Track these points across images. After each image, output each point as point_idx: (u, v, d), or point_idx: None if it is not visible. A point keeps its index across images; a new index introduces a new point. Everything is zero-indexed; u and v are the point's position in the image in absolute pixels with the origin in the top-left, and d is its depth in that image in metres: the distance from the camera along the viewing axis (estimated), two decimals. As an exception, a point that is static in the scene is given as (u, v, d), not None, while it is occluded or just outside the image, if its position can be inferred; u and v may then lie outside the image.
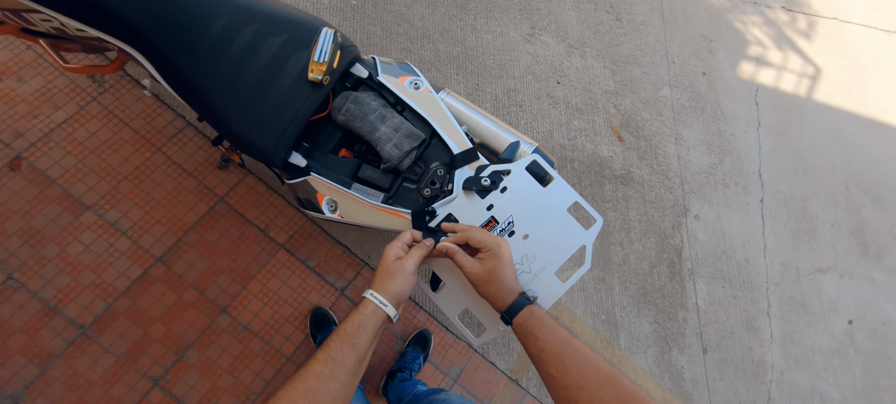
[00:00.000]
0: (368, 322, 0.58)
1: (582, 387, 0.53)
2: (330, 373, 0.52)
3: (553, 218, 0.74)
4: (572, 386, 0.54)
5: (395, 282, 0.62)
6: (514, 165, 0.77)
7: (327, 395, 0.50)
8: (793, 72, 2.81)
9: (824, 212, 2.38)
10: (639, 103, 2.27)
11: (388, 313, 0.60)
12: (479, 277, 0.64)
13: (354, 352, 0.55)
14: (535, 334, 0.59)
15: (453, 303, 0.72)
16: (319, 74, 0.88)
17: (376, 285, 0.62)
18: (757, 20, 2.87)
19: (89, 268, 1.36)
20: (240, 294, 1.44)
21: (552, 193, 0.75)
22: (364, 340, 0.56)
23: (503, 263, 0.64)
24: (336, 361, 0.53)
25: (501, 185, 0.75)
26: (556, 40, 2.20)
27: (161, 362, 1.32)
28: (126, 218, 1.45)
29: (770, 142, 2.47)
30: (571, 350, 0.56)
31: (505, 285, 0.63)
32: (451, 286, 0.72)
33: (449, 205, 0.81)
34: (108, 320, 1.32)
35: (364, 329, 0.57)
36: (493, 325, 0.72)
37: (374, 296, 0.61)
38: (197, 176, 1.56)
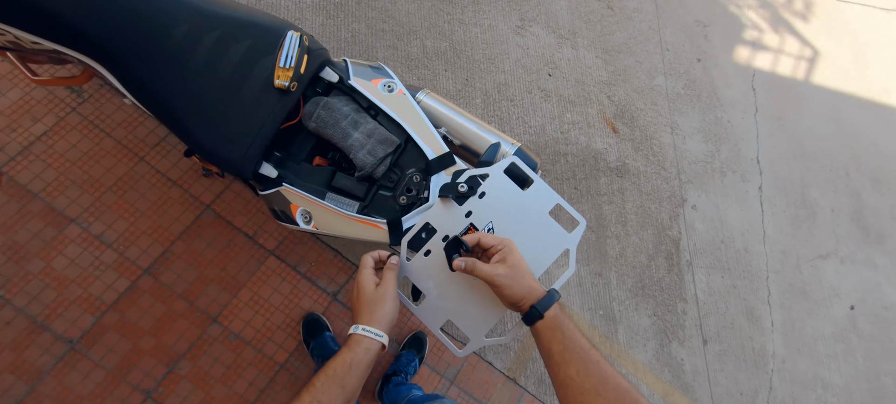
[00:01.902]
0: (361, 361, 0.55)
1: (600, 394, 0.52)
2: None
3: (534, 222, 0.72)
4: (591, 391, 0.52)
5: (384, 310, 0.60)
6: (492, 169, 0.74)
7: None
8: (790, 55, 2.75)
9: (824, 197, 2.34)
10: (633, 93, 2.22)
11: (383, 342, 0.58)
12: (505, 278, 0.61)
13: (342, 394, 0.52)
14: (563, 331, 0.57)
15: (435, 314, 0.70)
16: (286, 81, 0.85)
17: (365, 318, 0.59)
18: (752, 3, 2.80)
19: (75, 282, 1.34)
20: (230, 302, 1.42)
21: (533, 196, 0.73)
22: (354, 380, 0.54)
23: (521, 259, 0.62)
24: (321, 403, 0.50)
25: (479, 191, 0.72)
26: (546, 31, 2.15)
27: (152, 374, 1.30)
28: (111, 230, 1.42)
29: (768, 127, 2.42)
30: (595, 355, 0.55)
31: (528, 282, 0.61)
32: (431, 298, 0.70)
33: (425, 213, 0.78)
34: (97, 334, 1.30)
35: (355, 368, 0.54)
36: (477, 335, 0.70)
37: (367, 330, 0.58)
38: (182, 184, 1.53)
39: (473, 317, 0.69)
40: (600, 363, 0.54)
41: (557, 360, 0.56)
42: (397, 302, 0.63)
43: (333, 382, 0.52)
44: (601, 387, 0.52)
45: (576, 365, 0.54)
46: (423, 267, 0.70)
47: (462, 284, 0.69)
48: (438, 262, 0.70)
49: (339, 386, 0.52)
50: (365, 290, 0.61)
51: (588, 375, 0.53)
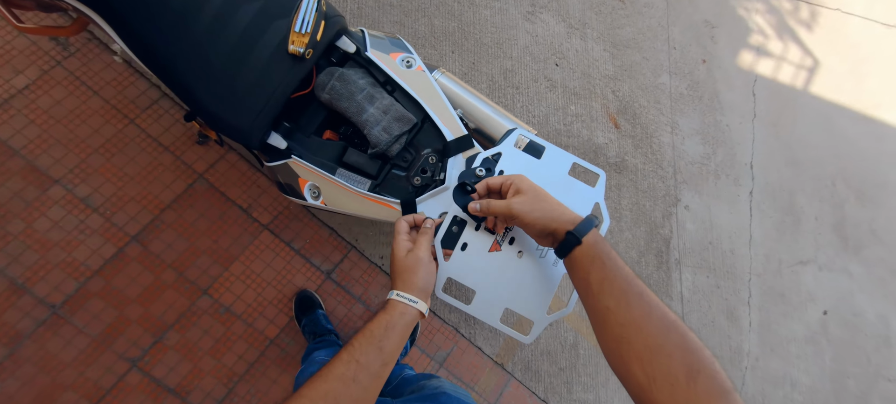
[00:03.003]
0: (397, 323, 0.54)
1: (641, 329, 0.46)
2: (353, 376, 0.48)
3: (557, 186, 0.68)
4: (630, 324, 0.47)
5: (418, 276, 0.57)
6: (503, 146, 0.71)
7: (348, 399, 0.47)
8: (791, 63, 2.74)
9: (810, 205, 2.38)
10: (637, 89, 2.19)
11: (420, 310, 0.56)
12: (524, 204, 0.57)
13: (380, 356, 0.51)
14: (602, 260, 0.51)
15: (490, 308, 0.65)
16: (301, 47, 0.79)
17: (399, 284, 0.57)
18: (760, 7, 2.76)
19: (59, 245, 1.28)
20: (221, 275, 1.37)
21: (549, 162, 0.70)
22: (391, 343, 0.52)
23: (533, 184, 0.58)
24: (360, 364, 0.49)
25: (497, 170, 0.70)
26: (556, 19, 2.08)
27: (139, 344, 1.26)
28: (97, 193, 1.35)
29: (763, 133, 2.43)
30: (637, 287, 0.49)
31: (553, 205, 0.57)
32: (483, 292, 0.65)
33: (440, 196, 0.74)
34: (81, 300, 1.25)
35: (392, 331, 0.53)
36: (539, 315, 0.65)
37: (401, 295, 0.56)
38: (174, 151, 1.46)
39: (530, 298, 0.65)
40: (644, 294, 0.48)
41: (596, 291, 0.51)
42: (432, 266, 0.60)
43: (371, 343, 0.51)
44: (643, 321, 0.46)
45: (616, 296, 0.49)
46: (465, 262, 0.65)
47: (510, 268, 0.65)
48: (479, 253, 0.66)
49: (377, 348, 0.50)
50: (397, 256, 0.59)
51: (629, 307, 0.48)
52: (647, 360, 0.44)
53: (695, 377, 0.42)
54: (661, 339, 0.45)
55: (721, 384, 0.41)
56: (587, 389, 1.66)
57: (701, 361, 0.43)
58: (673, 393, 0.42)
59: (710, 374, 0.42)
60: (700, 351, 0.44)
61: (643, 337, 0.46)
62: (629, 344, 0.46)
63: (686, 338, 0.45)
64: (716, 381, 0.41)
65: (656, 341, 0.45)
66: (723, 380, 0.42)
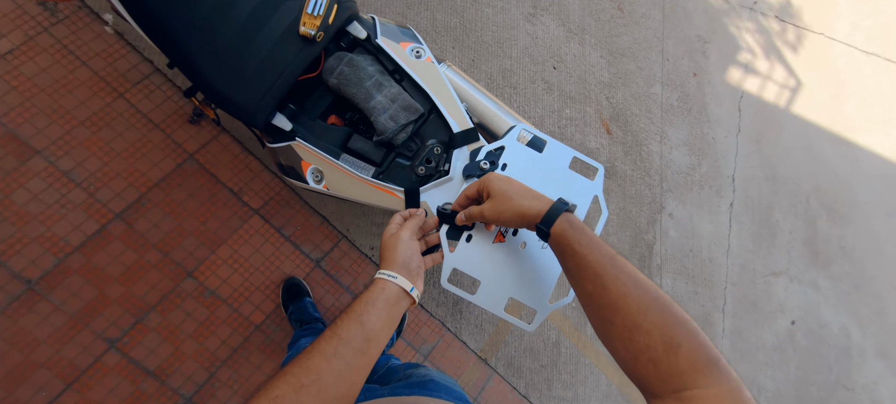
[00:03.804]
0: (378, 299, 0.51)
1: (619, 309, 0.45)
2: (334, 351, 0.46)
3: (558, 179, 0.69)
4: (609, 306, 0.46)
5: (397, 252, 0.56)
6: (506, 140, 0.70)
7: (331, 373, 0.44)
8: (776, 82, 2.70)
9: (785, 219, 2.36)
10: (630, 98, 2.13)
11: (400, 285, 0.53)
12: (492, 209, 0.57)
13: (361, 330, 0.48)
14: (572, 246, 0.50)
15: (495, 298, 0.64)
16: (312, 29, 0.75)
17: (381, 263, 0.57)
18: (751, 27, 2.71)
19: (38, 218, 1.17)
20: (208, 258, 1.28)
21: (550, 156, 0.70)
22: (372, 318, 0.50)
23: (501, 185, 0.57)
24: (341, 339, 0.47)
25: (500, 163, 0.69)
26: (556, 23, 1.99)
27: (118, 324, 1.17)
28: (81, 167, 1.24)
29: (746, 148, 2.39)
30: (614, 268, 0.47)
31: (521, 200, 0.55)
32: (488, 282, 0.64)
33: (444, 187, 0.72)
34: (60, 276, 1.15)
35: (372, 306, 0.51)
36: (541, 304, 0.64)
37: (381, 272, 0.54)
38: (164, 128, 1.35)
39: (532, 288, 0.64)
40: (621, 275, 0.46)
41: (574, 276, 0.50)
42: (415, 246, 0.57)
43: (352, 318, 0.49)
44: (621, 300, 0.45)
45: (592, 280, 0.48)
46: (470, 254, 0.64)
47: (513, 259, 0.64)
48: (484, 245, 0.64)
49: (358, 323, 0.48)
50: (382, 240, 0.59)
51: (605, 290, 0.46)
52: (628, 338, 0.44)
53: (675, 351, 0.40)
54: (638, 318, 0.43)
55: (705, 355, 0.40)
56: (567, 387, 1.62)
57: (681, 335, 0.41)
58: (656, 369, 0.41)
59: (691, 347, 0.40)
60: (681, 326, 0.42)
61: (621, 316, 0.44)
62: (611, 324, 0.46)
63: (666, 314, 0.43)
64: (699, 353, 0.40)
65: (634, 320, 0.44)
66: (706, 351, 0.40)
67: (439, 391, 0.64)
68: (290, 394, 0.41)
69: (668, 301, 0.44)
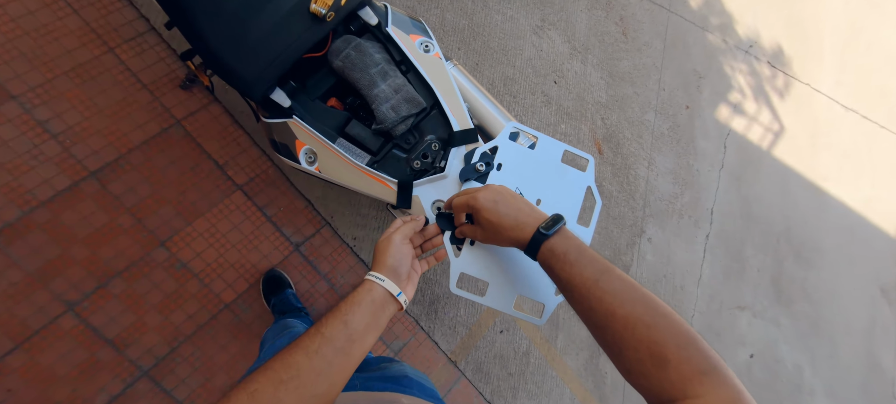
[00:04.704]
0: (363, 300, 0.47)
1: (606, 328, 0.43)
2: (316, 349, 0.42)
3: (552, 174, 0.65)
4: (598, 326, 0.44)
5: (387, 255, 0.51)
6: (499, 140, 0.65)
7: (311, 371, 0.41)
8: (761, 124, 2.59)
9: (755, 256, 2.26)
10: (624, 121, 2.00)
11: (387, 288, 0.49)
12: (485, 238, 0.54)
13: (345, 329, 0.44)
14: (556, 272, 0.48)
15: (504, 298, 0.60)
16: (324, 8, 0.69)
17: (373, 266, 0.52)
18: (744, 69, 2.59)
19: (5, 167, 1.02)
20: (183, 229, 1.14)
21: (542, 152, 0.66)
22: (356, 318, 0.46)
23: (489, 215, 0.52)
24: (324, 337, 0.43)
25: (495, 163, 0.65)
26: (562, 39, 1.85)
27: (80, 287, 1.03)
28: (59, 119, 1.09)
29: (727, 184, 2.28)
30: (598, 288, 0.44)
31: (508, 232, 0.52)
32: (495, 282, 0.61)
33: (438, 183, 0.67)
34: (21, 230, 1.00)
35: (357, 306, 0.47)
36: (548, 297, 0.61)
37: (370, 274, 0.50)
38: (153, 90, 1.19)
39: (538, 283, 0.60)
40: (604, 299, 0.43)
41: (567, 297, 0.48)
42: (406, 250, 0.53)
43: (336, 317, 0.45)
44: (608, 320, 0.42)
45: (578, 302, 0.46)
46: (476, 257, 0.60)
47: (518, 257, 0.60)
48: (488, 246, 0.60)
49: (342, 322, 0.45)
50: (377, 244, 0.54)
51: (592, 311, 0.44)
52: (618, 354, 0.42)
53: (663, 365, 0.38)
54: (625, 335, 0.41)
55: (696, 366, 0.37)
56: (531, 397, 1.51)
57: (668, 350, 0.38)
58: (648, 382, 0.39)
59: (680, 360, 0.37)
60: (670, 339, 0.38)
61: (610, 334, 0.42)
62: (602, 341, 0.44)
63: (652, 329, 0.39)
64: (689, 365, 0.37)
65: (621, 337, 0.41)
66: (698, 363, 0.37)
67: (412, 387, 0.60)
68: (268, 389, 0.38)
69: (657, 314, 0.40)
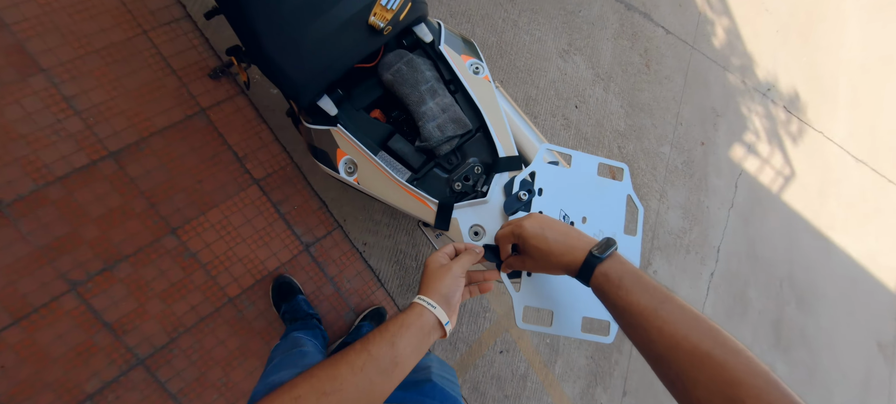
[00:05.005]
0: (412, 323, 0.45)
1: (671, 362, 0.39)
2: (361, 365, 0.41)
3: (592, 189, 0.63)
4: (659, 358, 0.40)
5: (442, 283, 0.49)
6: (535, 165, 0.64)
7: (354, 387, 0.40)
8: (773, 167, 2.51)
9: (758, 299, 2.17)
10: (640, 151, 1.93)
11: (437, 316, 0.47)
12: (536, 268, 0.52)
13: (391, 351, 0.43)
14: (611, 301, 0.45)
15: (571, 323, 0.57)
16: (382, 21, 0.67)
17: (422, 288, 0.50)
18: (760, 111, 2.51)
19: (25, 138, 0.98)
20: (196, 218, 1.09)
21: (578, 168, 0.64)
22: (403, 341, 0.44)
23: (536, 242, 0.50)
24: (371, 355, 0.42)
25: (537, 189, 0.63)
26: (586, 65, 1.79)
27: (86, 267, 0.98)
28: (85, 96, 1.04)
29: (735, 224, 2.20)
30: (657, 319, 0.40)
31: (558, 257, 0.49)
32: (559, 309, 0.58)
33: (478, 208, 0.64)
34: (34, 204, 0.96)
35: (406, 329, 0.45)
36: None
37: (421, 298, 0.48)
38: (182, 77, 1.15)
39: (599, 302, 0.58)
40: (665, 330, 0.39)
41: (621, 324, 0.45)
42: (461, 282, 0.50)
43: (383, 337, 0.44)
44: (671, 353, 0.38)
45: (637, 332, 0.42)
46: (534, 287, 0.57)
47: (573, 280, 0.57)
48: (546, 276, 0.58)
49: (389, 344, 0.43)
50: (429, 267, 0.51)
51: (652, 343, 0.41)
52: (683, 392, 0.38)
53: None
54: (693, 373, 0.37)
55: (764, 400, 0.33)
56: (527, 420, 1.43)
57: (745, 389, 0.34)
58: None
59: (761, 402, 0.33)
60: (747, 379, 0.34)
61: (674, 369, 0.38)
62: (665, 375, 0.40)
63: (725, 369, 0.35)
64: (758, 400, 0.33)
65: (688, 374, 0.37)
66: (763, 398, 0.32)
67: (434, 396, 0.57)
68: (311, 397, 0.38)
69: (728, 349, 0.36)
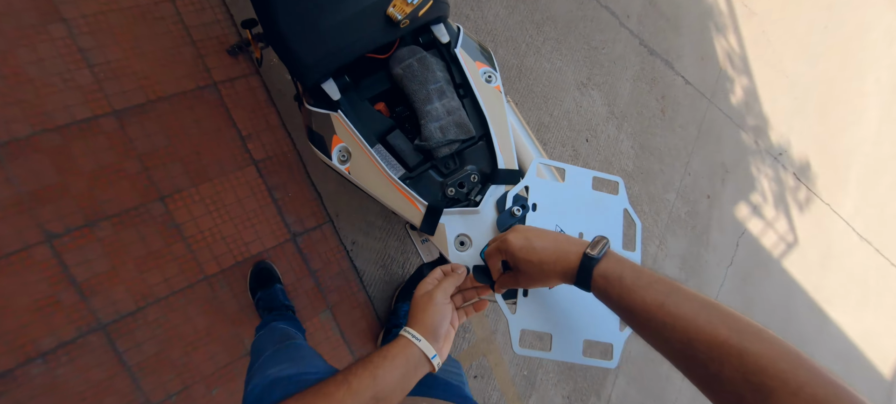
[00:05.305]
0: (397, 356, 0.42)
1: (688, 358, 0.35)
2: (340, 398, 0.37)
3: (587, 203, 0.58)
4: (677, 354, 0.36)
5: (425, 313, 0.46)
6: (528, 178, 0.59)
7: None
8: (776, 232, 2.39)
9: (747, 363, 2.03)
10: (644, 195, 1.84)
11: (423, 350, 0.43)
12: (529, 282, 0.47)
13: (372, 384, 0.39)
14: (615, 302, 0.40)
15: (571, 347, 0.52)
16: (401, 14, 0.64)
17: (409, 321, 0.46)
18: (770, 173, 2.41)
19: (32, 82, 0.93)
20: (187, 189, 1.03)
21: (573, 182, 0.59)
22: (387, 374, 0.40)
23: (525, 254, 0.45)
24: (350, 387, 0.38)
25: (530, 204, 0.58)
26: (603, 100, 1.72)
27: (66, 221, 0.92)
28: (100, 51, 1.00)
29: (733, 283, 2.08)
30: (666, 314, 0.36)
31: (550, 264, 0.44)
32: (559, 332, 0.52)
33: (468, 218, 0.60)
34: (26, 148, 0.91)
35: (390, 362, 0.41)
36: (614, 336, 0.53)
37: (407, 331, 0.45)
38: (200, 48, 1.11)
39: (600, 322, 0.52)
40: (677, 326, 0.35)
41: (632, 326, 0.41)
42: (446, 310, 0.47)
43: (366, 369, 0.40)
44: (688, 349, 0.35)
45: (647, 330, 0.38)
46: (532, 308, 0.52)
47: (574, 297, 0.53)
48: (542, 292, 0.53)
49: (371, 375, 0.39)
50: (415, 295, 0.48)
51: (666, 342, 0.37)
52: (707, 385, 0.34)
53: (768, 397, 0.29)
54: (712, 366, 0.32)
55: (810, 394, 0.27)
56: (494, 452, 1.32)
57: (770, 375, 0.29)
58: None
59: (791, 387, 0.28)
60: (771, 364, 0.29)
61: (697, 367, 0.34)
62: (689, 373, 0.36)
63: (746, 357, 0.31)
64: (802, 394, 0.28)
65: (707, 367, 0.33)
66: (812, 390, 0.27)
67: (437, 388, 0.54)
68: None
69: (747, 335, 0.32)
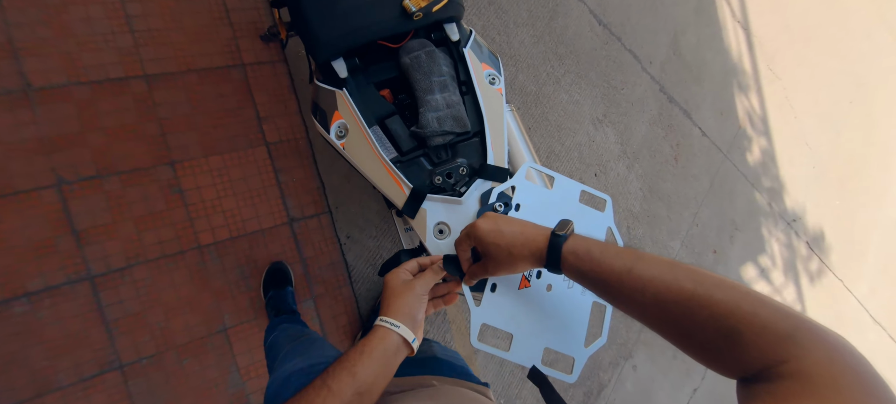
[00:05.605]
0: (375, 349, 0.38)
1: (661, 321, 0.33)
2: (322, 402, 0.34)
3: (572, 214, 0.56)
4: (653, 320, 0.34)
5: (404, 301, 0.42)
6: (516, 179, 0.58)
7: None
8: (784, 299, 2.20)
9: (740, 434, 1.84)
10: (648, 238, 1.74)
11: (403, 335, 0.40)
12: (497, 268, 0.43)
13: (353, 382, 0.36)
14: (586, 275, 0.37)
15: (530, 351, 0.49)
16: (416, 7, 0.65)
17: (384, 309, 0.42)
18: (782, 238, 2.26)
19: (76, 37, 0.95)
20: (196, 159, 1.02)
21: (560, 191, 0.57)
22: (366, 370, 0.37)
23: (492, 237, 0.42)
24: (330, 389, 0.35)
25: (514, 203, 0.57)
26: (616, 139, 1.66)
27: (78, 169, 0.91)
28: (144, 19, 1.03)
29: (732, 345, 1.91)
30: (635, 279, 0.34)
31: (518, 248, 0.41)
32: (520, 334, 0.50)
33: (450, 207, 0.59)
34: (58, 96, 0.92)
35: (368, 357, 0.38)
36: (578, 350, 0.49)
37: (383, 320, 0.41)
38: (236, 30, 1.12)
39: (565, 334, 0.50)
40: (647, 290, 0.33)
41: (606, 299, 0.38)
42: (424, 301, 0.44)
43: (343, 368, 0.37)
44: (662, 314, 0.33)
45: (620, 298, 0.35)
46: (497, 305, 0.50)
47: (542, 304, 0.51)
48: (510, 292, 0.51)
49: (350, 374, 0.36)
50: (390, 284, 0.44)
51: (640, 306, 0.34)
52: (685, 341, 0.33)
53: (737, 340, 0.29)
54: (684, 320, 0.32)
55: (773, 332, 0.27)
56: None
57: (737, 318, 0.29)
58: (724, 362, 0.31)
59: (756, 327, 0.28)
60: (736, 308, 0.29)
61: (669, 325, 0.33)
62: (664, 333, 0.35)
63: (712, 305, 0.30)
64: (766, 332, 0.28)
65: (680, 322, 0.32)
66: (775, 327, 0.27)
67: (442, 368, 0.53)
68: None
69: (710, 285, 0.30)
